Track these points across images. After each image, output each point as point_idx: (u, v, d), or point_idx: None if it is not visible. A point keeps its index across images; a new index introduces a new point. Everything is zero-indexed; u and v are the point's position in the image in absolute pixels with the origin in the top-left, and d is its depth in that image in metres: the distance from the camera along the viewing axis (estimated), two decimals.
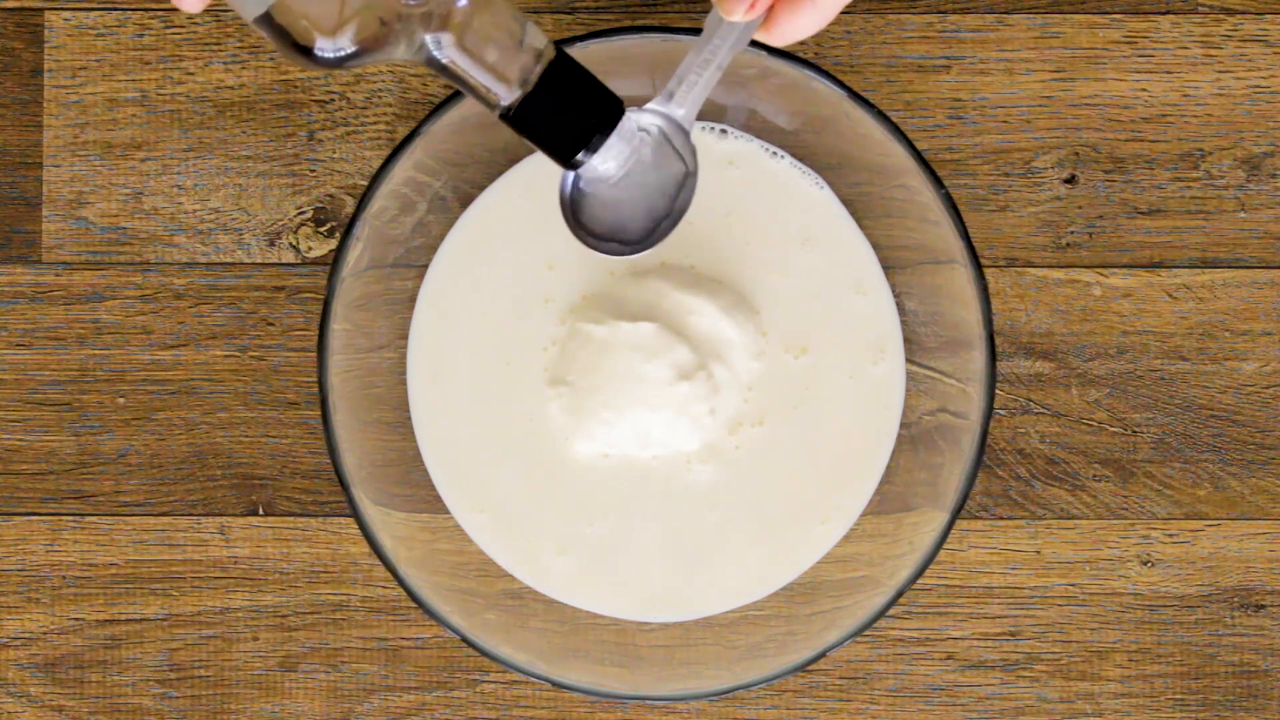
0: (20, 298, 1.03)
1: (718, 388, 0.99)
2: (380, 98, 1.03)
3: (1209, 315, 1.03)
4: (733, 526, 1.00)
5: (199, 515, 1.03)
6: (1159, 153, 1.03)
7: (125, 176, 1.03)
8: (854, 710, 1.03)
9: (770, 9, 0.86)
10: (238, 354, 1.03)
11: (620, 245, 0.90)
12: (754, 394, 1.00)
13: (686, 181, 0.90)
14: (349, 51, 0.81)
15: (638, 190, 0.89)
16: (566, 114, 0.84)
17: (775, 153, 1.00)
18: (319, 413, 1.01)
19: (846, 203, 1.00)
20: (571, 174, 0.89)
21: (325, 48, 0.81)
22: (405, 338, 1.01)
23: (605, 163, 0.86)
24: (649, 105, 0.88)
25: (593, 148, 0.84)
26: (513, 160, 1.01)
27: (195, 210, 1.03)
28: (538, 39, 0.83)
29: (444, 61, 0.82)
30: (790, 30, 0.87)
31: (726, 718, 1.03)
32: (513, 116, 0.83)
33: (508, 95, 0.83)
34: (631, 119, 0.86)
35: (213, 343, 1.03)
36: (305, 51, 0.81)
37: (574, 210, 0.89)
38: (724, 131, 1.00)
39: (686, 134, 0.89)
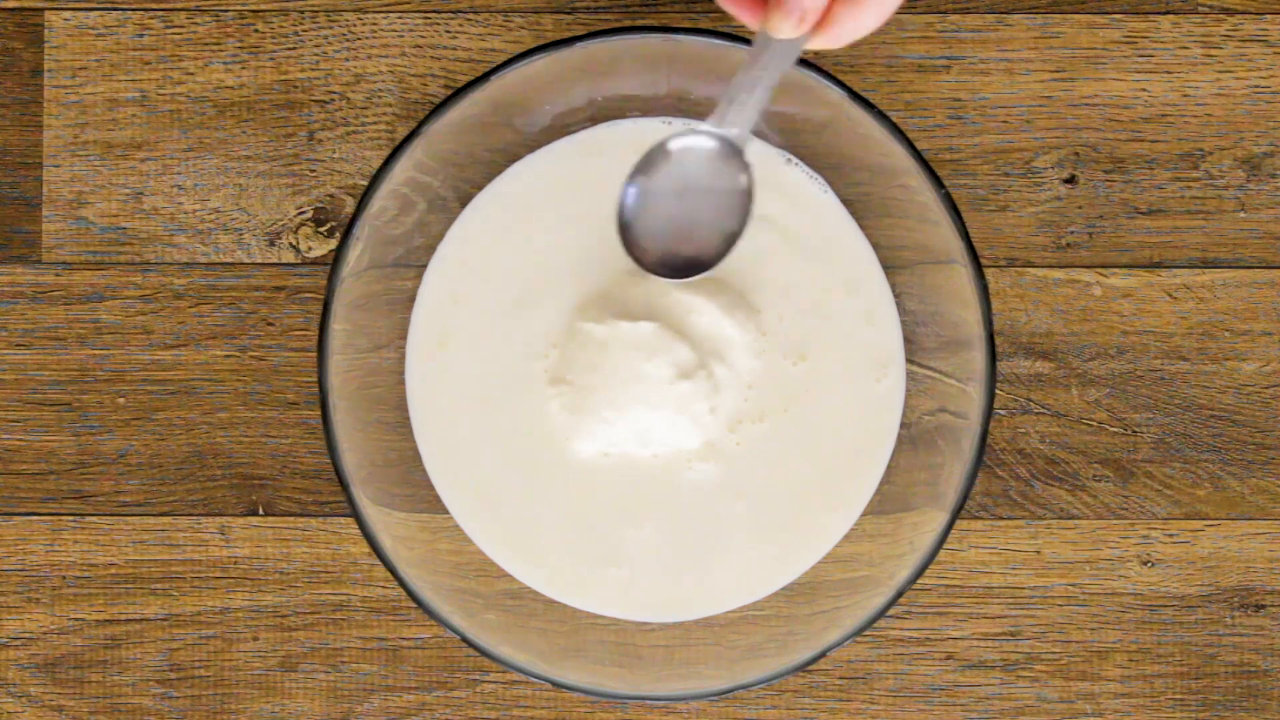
0: (20, 298, 1.03)
1: (718, 386, 0.99)
2: (380, 98, 1.03)
3: (1209, 315, 1.03)
4: (733, 525, 1.00)
5: (199, 515, 1.03)
6: (1159, 153, 1.03)
7: (125, 176, 1.03)
8: (854, 710, 1.03)
9: (827, 10, 0.85)
10: (238, 354, 1.03)
11: (677, 267, 0.89)
12: (754, 392, 1.00)
13: (742, 200, 0.89)
14: None
15: (694, 210, 0.89)
16: None
17: (787, 158, 1.00)
18: (319, 413, 1.01)
19: (846, 203, 1.01)
20: (629, 195, 0.88)
21: None
22: (405, 338, 1.01)
23: None
24: (702, 126, 0.88)
25: None
26: (512, 159, 1.01)
27: (195, 210, 1.03)
28: None
29: None
30: (852, 29, 0.85)
31: (726, 718, 1.03)
32: None
33: None
34: None
35: (213, 343, 1.03)
36: None
37: (628, 230, 0.89)
38: None
39: (741, 153, 0.88)
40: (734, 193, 0.89)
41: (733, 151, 0.88)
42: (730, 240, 0.90)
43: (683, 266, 0.90)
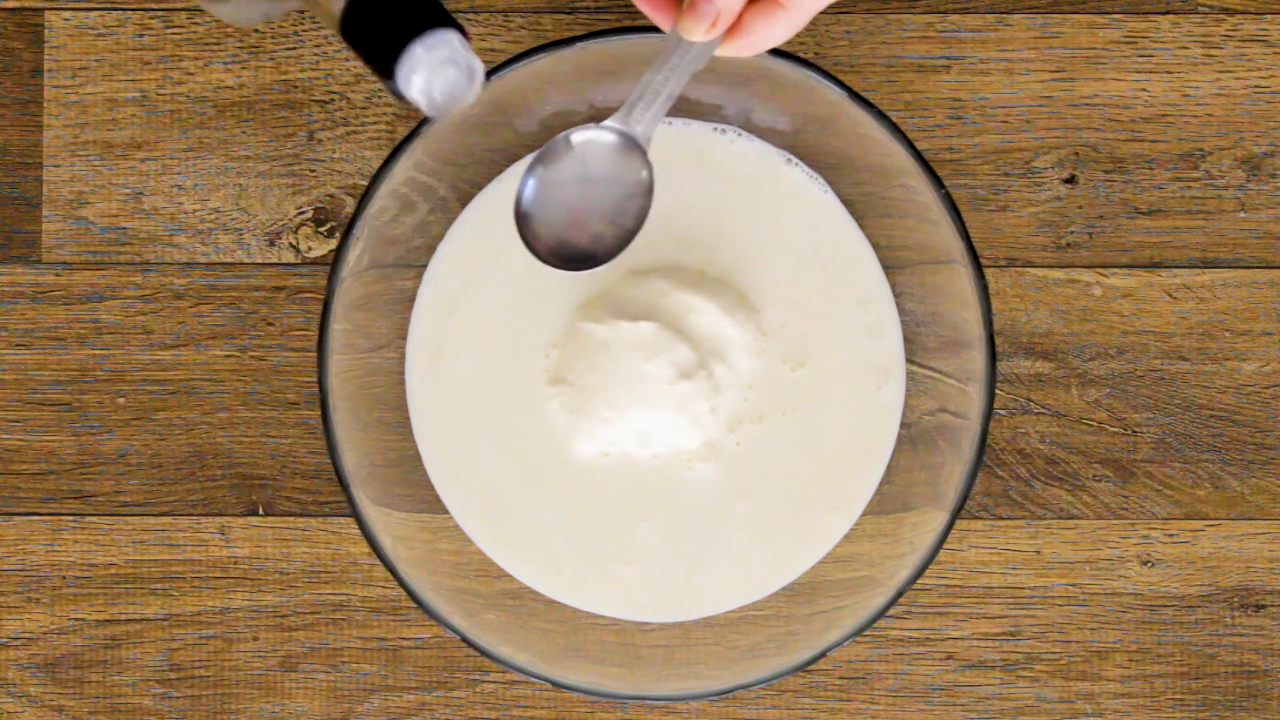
0: (20, 298, 1.03)
1: (718, 386, 0.99)
2: (380, 97, 1.03)
3: (1209, 315, 1.03)
4: (733, 525, 1.00)
5: (199, 515, 1.03)
6: (1159, 153, 1.03)
7: (125, 176, 1.03)
8: (854, 710, 1.03)
9: (739, 17, 0.86)
10: (238, 354, 1.03)
11: (571, 260, 0.89)
12: (754, 393, 1.00)
13: (642, 197, 0.89)
14: None
15: (593, 205, 0.89)
16: (389, 20, 0.79)
17: (787, 159, 1.00)
18: (319, 413, 1.01)
19: (846, 203, 1.01)
20: (527, 185, 0.88)
21: None
22: (405, 338, 1.01)
23: (418, 79, 0.80)
24: (607, 121, 0.88)
25: (415, 61, 0.79)
26: (512, 160, 1.01)
27: (195, 210, 1.03)
28: None
29: None
30: (764, 38, 0.86)
31: (726, 718, 1.03)
32: (341, 25, 0.80)
33: (337, 3, 0.79)
34: (460, 42, 0.80)
35: (213, 343, 1.03)
36: None
37: (526, 223, 0.89)
38: (725, 131, 1.00)
39: (644, 151, 0.88)
40: (633, 191, 0.89)
41: (635, 149, 0.88)
42: (626, 237, 0.89)
43: (577, 259, 0.89)
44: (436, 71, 0.80)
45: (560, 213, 0.89)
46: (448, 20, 0.80)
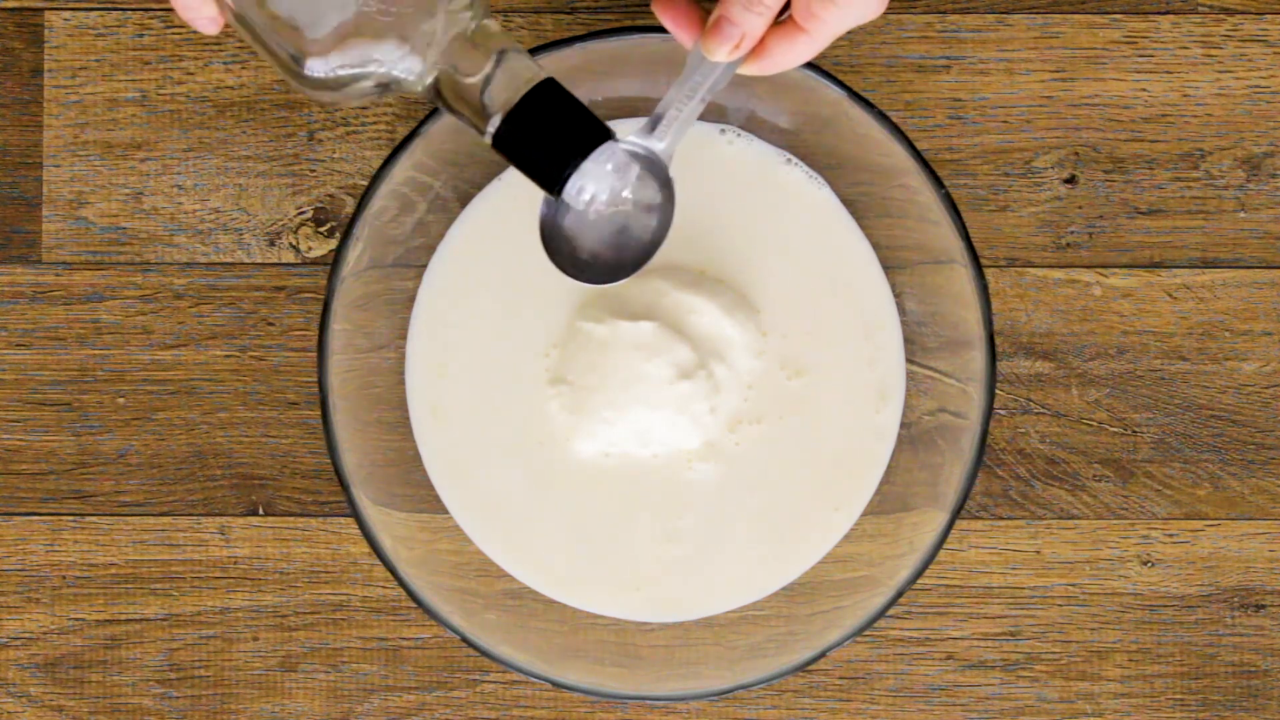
0: (20, 298, 1.03)
1: (718, 386, 0.99)
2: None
3: (1209, 315, 1.03)
4: (733, 525, 1.00)
5: (199, 515, 1.03)
6: (1159, 153, 1.03)
7: (125, 176, 1.03)
8: (854, 710, 1.03)
9: (761, 39, 0.87)
10: (238, 354, 1.03)
11: (594, 274, 0.90)
12: (754, 393, 1.00)
13: (663, 213, 0.89)
14: (337, 74, 0.82)
15: (614, 220, 0.89)
16: (548, 138, 0.83)
17: (787, 159, 1.00)
18: (319, 413, 1.01)
19: (847, 202, 1.01)
20: (549, 201, 0.88)
21: (315, 67, 0.82)
22: (405, 338, 1.01)
23: (588, 190, 0.85)
24: (630, 137, 0.88)
25: (572, 174, 0.84)
26: None
27: (195, 210, 1.03)
28: (525, 64, 0.83)
29: (432, 84, 0.83)
30: (786, 60, 0.87)
31: (726, 718, 1.03)
32: (496, 139, 0.83)
33: (493, 118, 0.83)
34: (618, 148, 0.86)
35: (213, 343, 1.03)
36: (297, 72, 0.82)
37: (550, 237, 0.89)
38: (725, 131, 1.00)
39: (665, 167, 0.89)
40: (655, 205, 0.89)
41: (658, 165, 0.89)
42: (649, 250, 0.90)
43: (601, 272, 0.90)
44: (594, 177, 0.85)
45: (584, 226, 0.89)
46: (604, 131, 0.84)
